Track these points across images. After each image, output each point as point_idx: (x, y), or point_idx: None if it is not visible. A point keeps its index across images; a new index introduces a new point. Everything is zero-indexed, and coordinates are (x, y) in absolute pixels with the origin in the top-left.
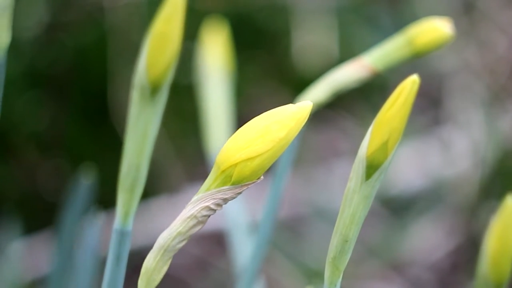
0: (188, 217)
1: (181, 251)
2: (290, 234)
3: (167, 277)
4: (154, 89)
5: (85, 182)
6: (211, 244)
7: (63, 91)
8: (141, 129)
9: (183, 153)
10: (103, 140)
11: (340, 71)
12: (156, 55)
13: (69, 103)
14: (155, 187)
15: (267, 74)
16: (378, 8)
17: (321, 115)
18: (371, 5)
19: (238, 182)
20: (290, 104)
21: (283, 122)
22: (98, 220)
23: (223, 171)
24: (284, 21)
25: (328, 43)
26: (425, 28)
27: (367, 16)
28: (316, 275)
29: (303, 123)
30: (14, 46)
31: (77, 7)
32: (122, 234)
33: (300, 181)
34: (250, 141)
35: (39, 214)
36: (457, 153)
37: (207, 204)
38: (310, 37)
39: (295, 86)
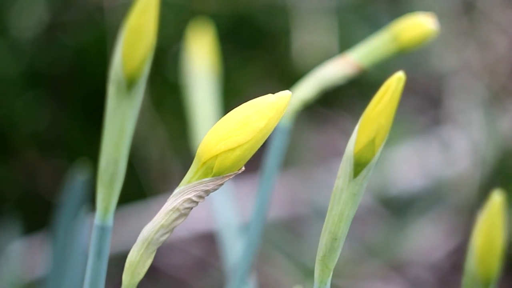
0: (171, 210)
1: (181, 251)
2: (290, 234)
3: (167, 277)
4: (130, 83)
5: (80, 178)
6: (210, 244)
7: (63, 91)
8: (118, 124)
9: (183, 153)
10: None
11: (326, 68)
12: (131, 49)
13: (69, 103)
14: (155, 187)
15: (267, 74)
16: (378, 8)
17: (321, 115)
18: (371, 5)
19: (219, 174)
20: (269, 94)
21: (262, 112)
22: (92, 218)
23: (204, 163)
24: (284, 21)
25: (328, 43)
26: (410, 24)
27: (367, 16)
28: (314, 274)
29: (283, 113)
30: (14, 46)
31: (77, 7)
32: (103, 229)
33: (300, 181)
34: (230, 132)
35: (39, 214)
36: (457, 153)
37: (189, 196)
38: (310, 37)
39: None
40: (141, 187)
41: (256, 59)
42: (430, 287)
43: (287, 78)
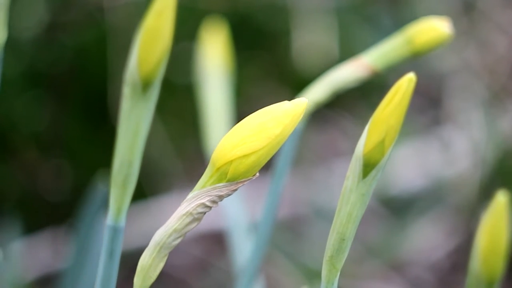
0: (184, 214)
1: (181, 251)
2: (290, 234)
3: (167, 277)
4: (145, 85)
5: (102, 188)
6: (211, 244)
7: (63, 91)
8: (133, 125)
9: (183, 153)
10: (103, 140)
11: (339, 71)
12: (147, 50)
13: (69, 103)
14: (155, 187)
15: (267, 74)
16: (378, 8)
17: (321, 115)
18: (371, 5)
19: (234, 179)
20: (286, 101)
21: (278, 119)
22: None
23: (218, 168)
24: (284, 21)
25: (328, 43)
26: (424, 27)
27: (367, 16)
28: (316, 275)
29: (299, 120)
30: (14, 46)
31: (77, 7)
32: (115, 230)
33: (300, 181)
34: (245, 138)
35: (39, 214)
36: (457, 153)
37: (202, 201)
38: (310, 37)
39: (295, 86)
40: (141, 187)
41: (256, 59)
42: (430, 287)
43: (287, 78)
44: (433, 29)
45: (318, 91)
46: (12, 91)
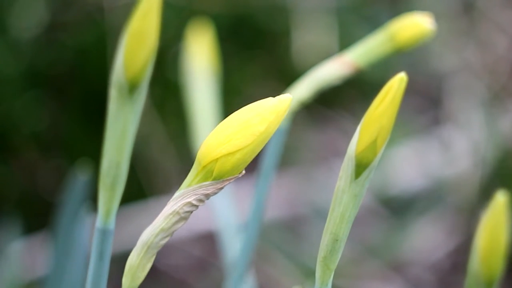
0: (171, 214)
1: (181, 251)
2: (290, 234)
3: (167, 277)
4: (132, 87)
5: (81, 178)
6: (211, 244)
7: (63, 91)
8: (120, 127)
9: (183, 153)
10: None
11: (322, 68)
12: (133, 52)
13: (69, 103)
14: (155, 187)
15: (267, 74)
16: (378, 8)
17: (321, 115)
18: (371, 5)
19: (220, 177)
20: (270, 98)
21: (263, 115)
22: (94, 219)
23: (204, 167)
24: (284, 21)
25: (328, 43)
26: (406, 23)
27: (367, 16)
28: (314, 274)
29: (283, 116)
30: (14, 46)
31: (77, 7)
32: (104, 232)
33: (300, 181)
34: (230, 135)
35: (39, 214)
36: (457, 153)
37: (189, 200)
38: (310, 37)
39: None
40: (141, 187)
41: (256, 59)
42: (430, 287)
43: (287, 78)
44: (415, 25)
45: (302, 89)
46: (12, 91)
